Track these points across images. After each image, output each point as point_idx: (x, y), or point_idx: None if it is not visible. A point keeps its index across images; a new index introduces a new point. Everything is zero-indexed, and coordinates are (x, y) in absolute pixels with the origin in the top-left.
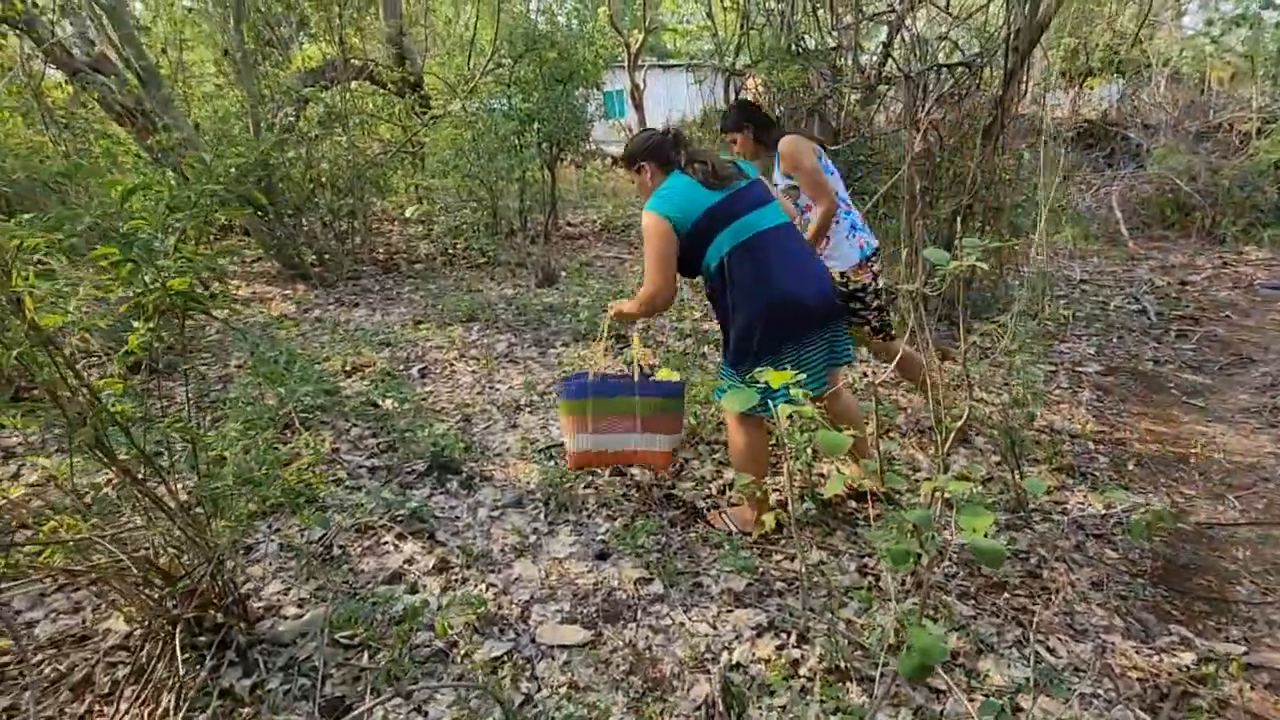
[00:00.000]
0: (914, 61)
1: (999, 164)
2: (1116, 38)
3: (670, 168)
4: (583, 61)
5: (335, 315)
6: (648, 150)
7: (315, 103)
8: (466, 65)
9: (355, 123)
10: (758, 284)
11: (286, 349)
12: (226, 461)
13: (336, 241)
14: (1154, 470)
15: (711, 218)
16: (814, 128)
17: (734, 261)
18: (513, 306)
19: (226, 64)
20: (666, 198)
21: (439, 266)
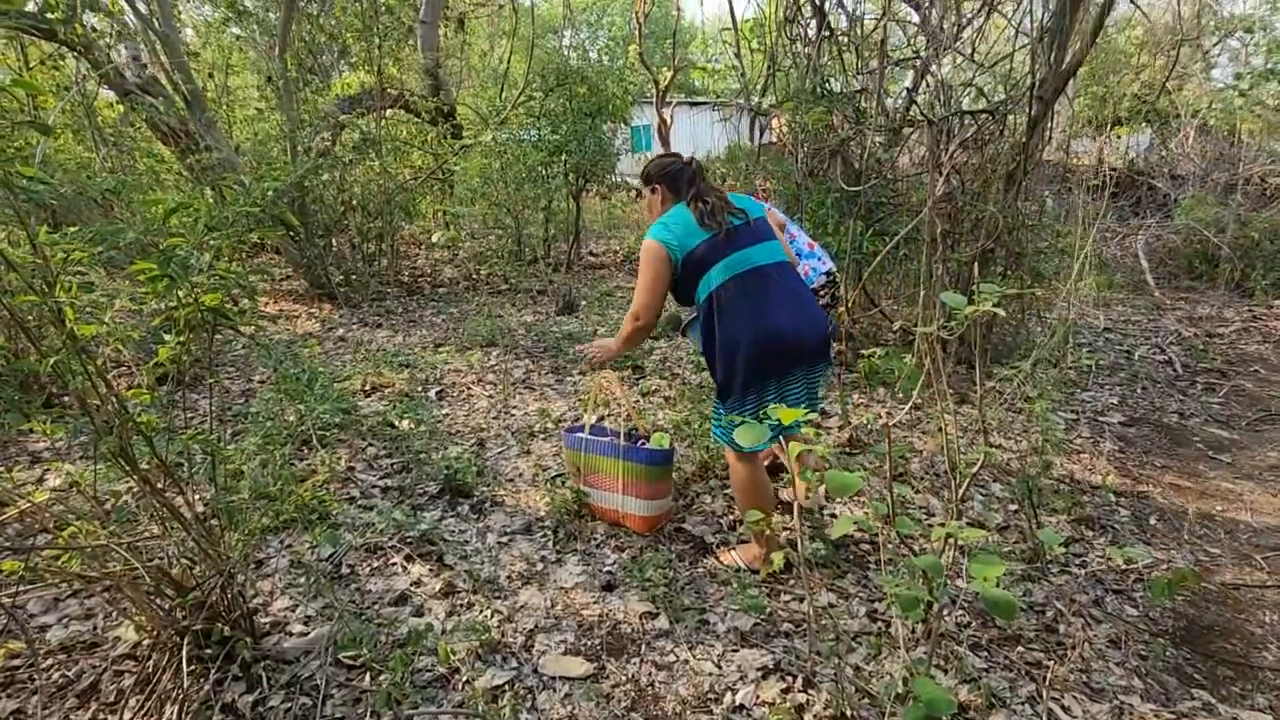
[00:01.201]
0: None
1: (1021, 210)
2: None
3: (680, 197)
4: (612, 97)
5: (358, 335)
6: (665, 174)
7: (351, 129)
8: (499, 97)
9: (388, 149)
10: (748, 316)
11: (309, 366)
12: (244, 475)
13: (364, 263)
14: (1177, 526)
15: (708, 249)
16: (836, 169)
17: (725, 294)
18: (532, 333)
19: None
20: (668, 226)
21: (462, 291)
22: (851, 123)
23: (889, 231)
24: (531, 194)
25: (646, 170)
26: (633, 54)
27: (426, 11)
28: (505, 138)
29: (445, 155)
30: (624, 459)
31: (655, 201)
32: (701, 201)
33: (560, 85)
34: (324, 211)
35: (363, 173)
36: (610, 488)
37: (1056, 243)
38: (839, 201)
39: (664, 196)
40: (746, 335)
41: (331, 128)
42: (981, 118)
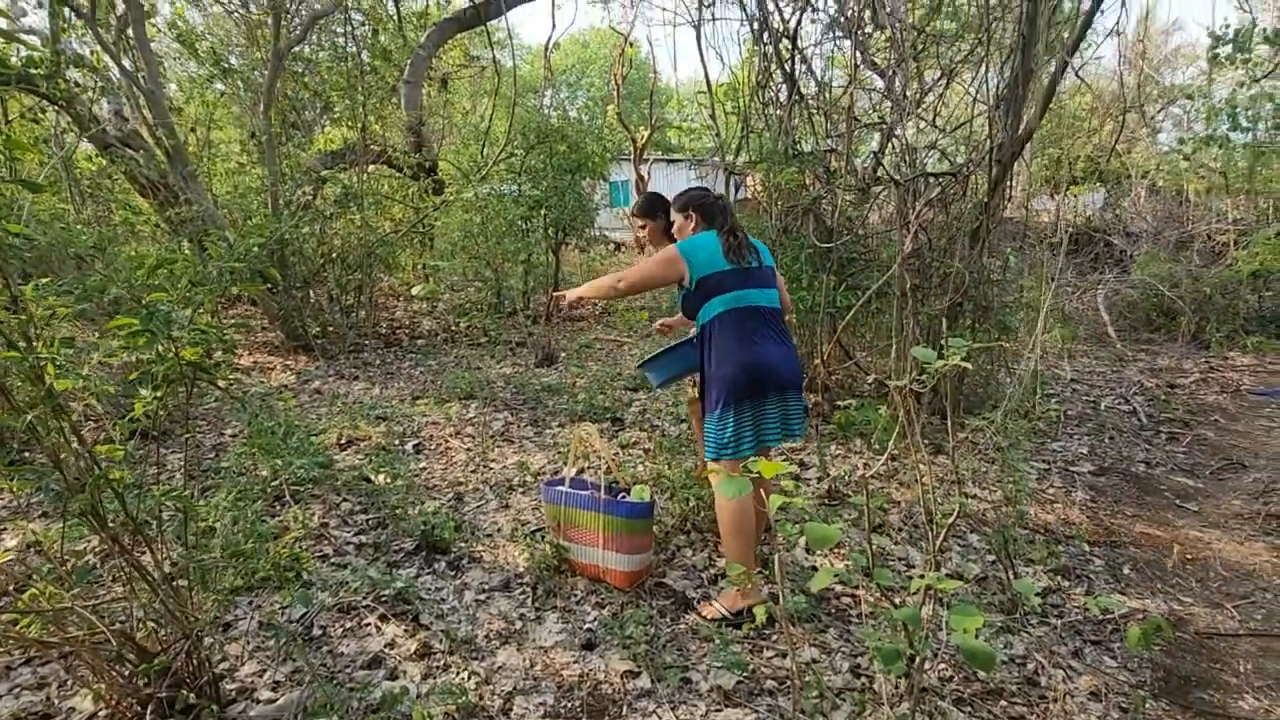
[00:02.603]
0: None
1: (987, 265)
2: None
3: (710, 227)
4: (591, 154)
5: (335, 387)
6: (700, 206)
7: (333, 183)
8: (480, 153)
9: (370, 203)
10: (735, 346)
11: (284, 420)
12: (215, 532)
13: (342, 315)
14: (1150, 575)
15: (723, 279)
16: (809, 226)
17: (724, 322)
18: (511, 385)
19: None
20: (698, 246)
21: (440, 343)
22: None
23: (861, 286)
24: (511, 247)
25: (683, 200)
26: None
27: (411, 72)
28: (486, 193)
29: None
30: (604, 513)
31: (687, 227)
32: (733, 235)
33: (541, 143)
34: (303, 263)
35: (343, 226)
36: (590, 542)
37: (1021, 297)
38: (812, 257)
39: (697, 223)
40: (735, 362)
41: (313, 182)
42: (945, 178)
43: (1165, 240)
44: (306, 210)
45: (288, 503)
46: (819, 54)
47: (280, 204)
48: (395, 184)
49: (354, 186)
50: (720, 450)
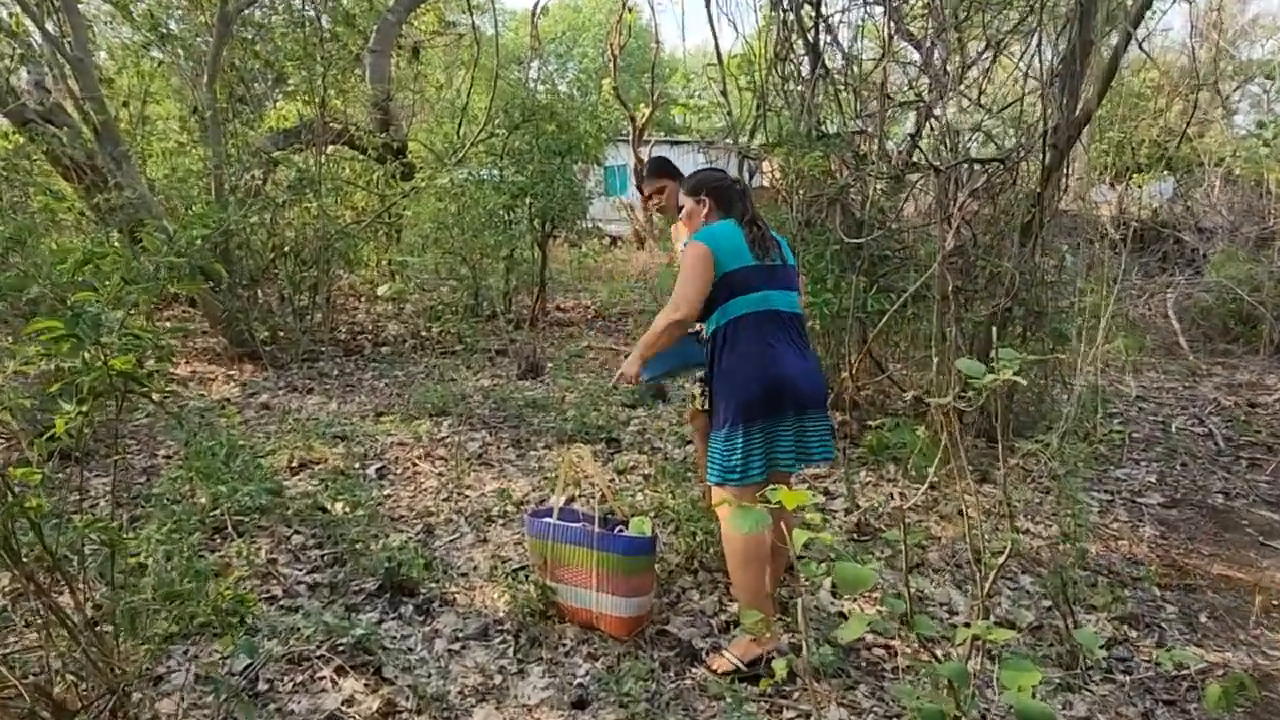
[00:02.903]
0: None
1: (1040, 265)
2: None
3: (727, 215)
4: (583, 134)
5: (286, 401)
6: (717, 190)
7: (286, 166)
8: (456, 133)
9: (328, 189)
10: (755, 356)
11: (226, 439)
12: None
13: (294, 317)
14: (1231, 624)
15: (747, 277)
16: (836, 219)
17: (740, 327)
18: (490, 400)
19: (193, 120)
20: (718, 236)
21: (408, 351)
22: (851, 168)
23: (895, 288)
24: (491, 241)
25: (697, 181)
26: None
27: (377, 39)
28: (463, 178)
29: (393, 197)
30: (598, 549)
31: (699, 213)
32: (755, 226)
33: (526, 121)
34: (251, 258)
35: (298, 215)
36: (582, 583)
37: (1079, 302)
38: (839, 254)
39: (710, 210)
40: (748, 373)
41: (263, 164)
42: (992, 165)
43: (1243, 237)
44: (255, 197)
45: (230, 536)
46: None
47: (225, 190)
48: (358, 167)
49: (310, 170)
50: (725, 474)
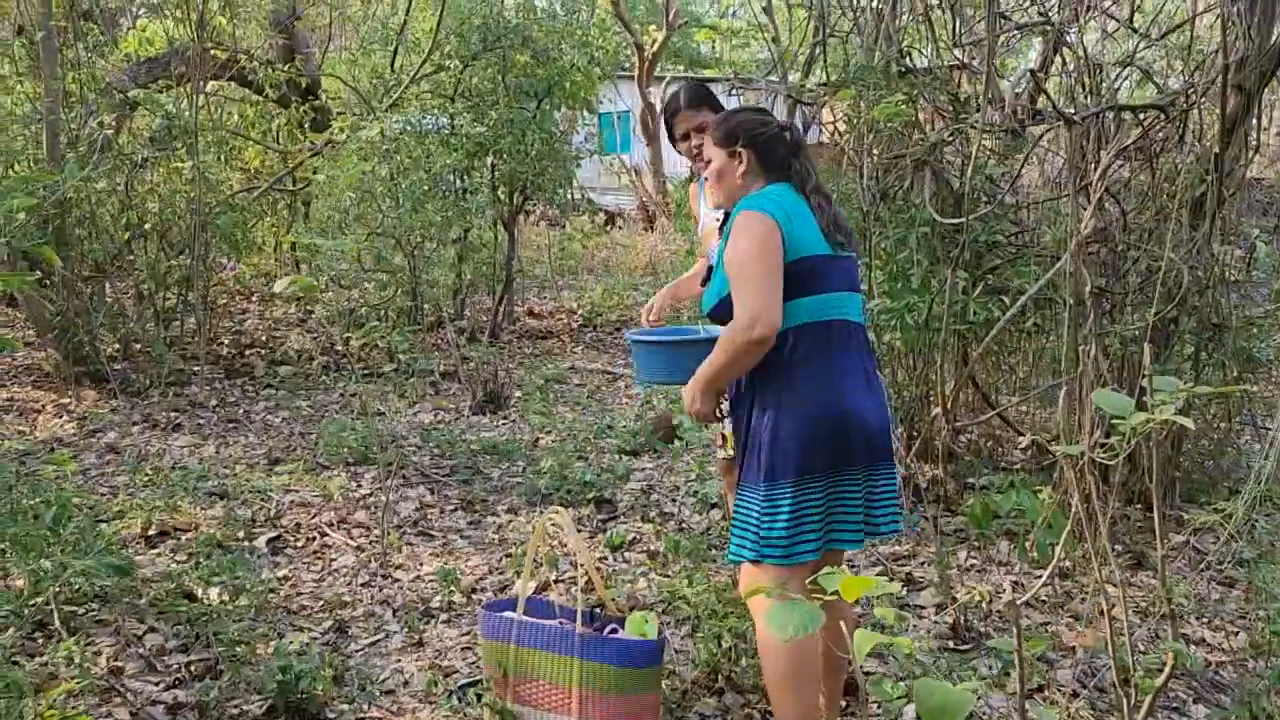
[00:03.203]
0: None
1: (1219, 257)
2: None
3: (774, 176)
4: (569, 69)
5: (141, 443)
6: (758, 139)
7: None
8: (390, 66)
9: (209, 142)
10: (822, 381)
11: (55, 497)
12: None
13: (156, 324)
14: None
15: (815, 269)
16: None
17: (804, 339)
18: (432, 444)
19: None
20: (788, 208)
21: (317, 372)
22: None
23: (1009, 289)
24: (437, 218)
25: (730, 126)
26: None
27: None
28: (398, 129)
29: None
30: (582, 657)
31: (732, 171)
32: (823, 198)
33: (489, 50)
34: (96, 240)
35: (164, 179)
36: (558, 706)
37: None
38: (929, 240)
39: (748, 168)
40: (812, 405)
41: (117, 107)
42: (1149, 115)
43: None
44: (104, 153)
45: (58, 634)
46: None
47: (62, 143)
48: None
49: (183, 116)
50: (763, 549)
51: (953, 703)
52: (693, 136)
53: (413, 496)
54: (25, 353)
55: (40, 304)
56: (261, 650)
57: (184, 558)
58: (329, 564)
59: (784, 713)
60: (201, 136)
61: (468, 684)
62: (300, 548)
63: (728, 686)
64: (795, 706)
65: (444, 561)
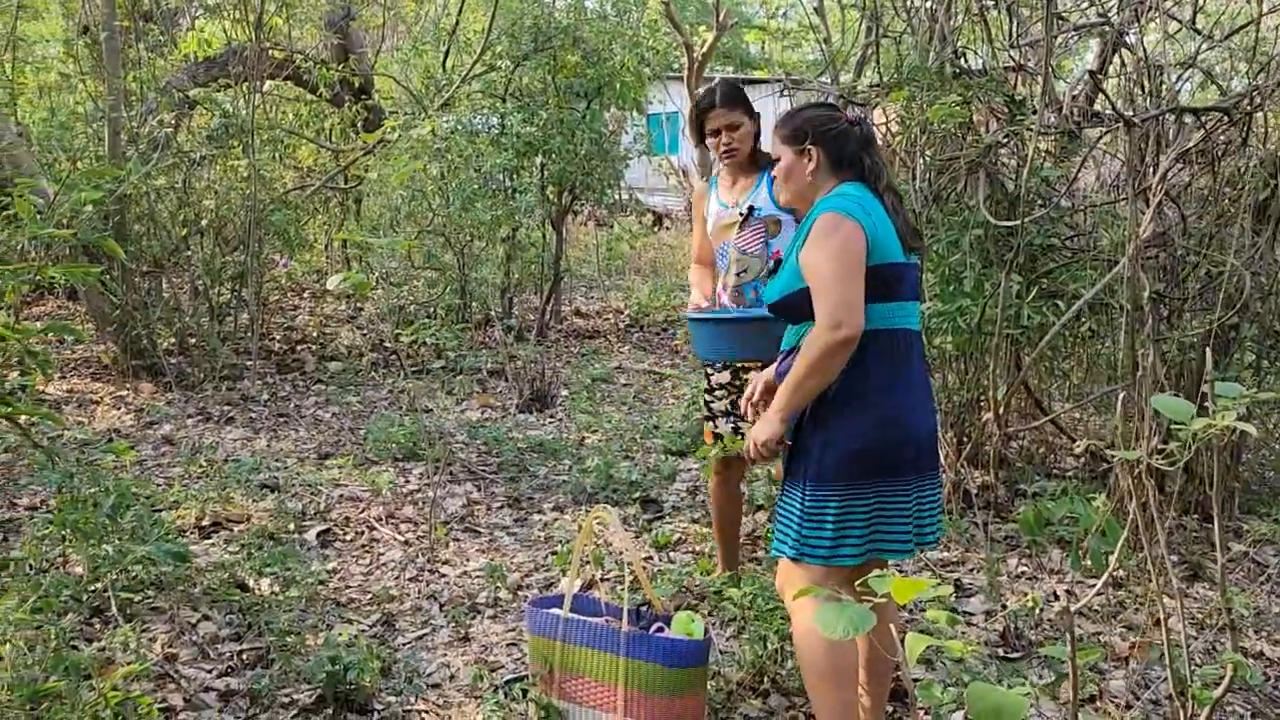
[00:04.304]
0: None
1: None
2: None
3: (845, 173)
4: (620, 70)
5: (196, 435)
6: (827, 135)
7: (207, 108)
8: (441, 66)
9: (264, 141)
10: (880, 391)
11: (113, 485)
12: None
13: (211, 319)
14: None
15: (888, 275)
16: (978, 192)
17: (870, 347)
18: (479, 441)
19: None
20: (864, 208)
21: (367, 369)
22: (1002, 120)
23: (1064, 293)
24: (486, 217)
25: (798, 123)
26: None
27: None
28: (449, 128)
29: (353, 153)
30: (627, 655)
31: (802, 170)
32: (895, 197)
33: (540, 50)
34: (155, 236)
35: (220, 176)
36: (603, 703)
37: None
38: (983, 243)
39: (818, 167)
40: (871, 417)
41: (176, 105)
42: (1211, 117)
43: None
44: (163, 151)
45: (114, 619)
46: None
47: (123, 140)
48: (305, 112)
49: (240, 115)
50: (803, 548)
51: (1007, 706)
52: (724, 134)
53: (460, 493)
54: (85, 346)
55: (100, 298)
56: (311, 641)
57: (236, 549)
58: (377, 558)
59: (822, 710)
60: (257, 135)
61: (513, 679)
62: (349, 541)
63: (773, 688)
64: (834, 704)
65: (490, 557)
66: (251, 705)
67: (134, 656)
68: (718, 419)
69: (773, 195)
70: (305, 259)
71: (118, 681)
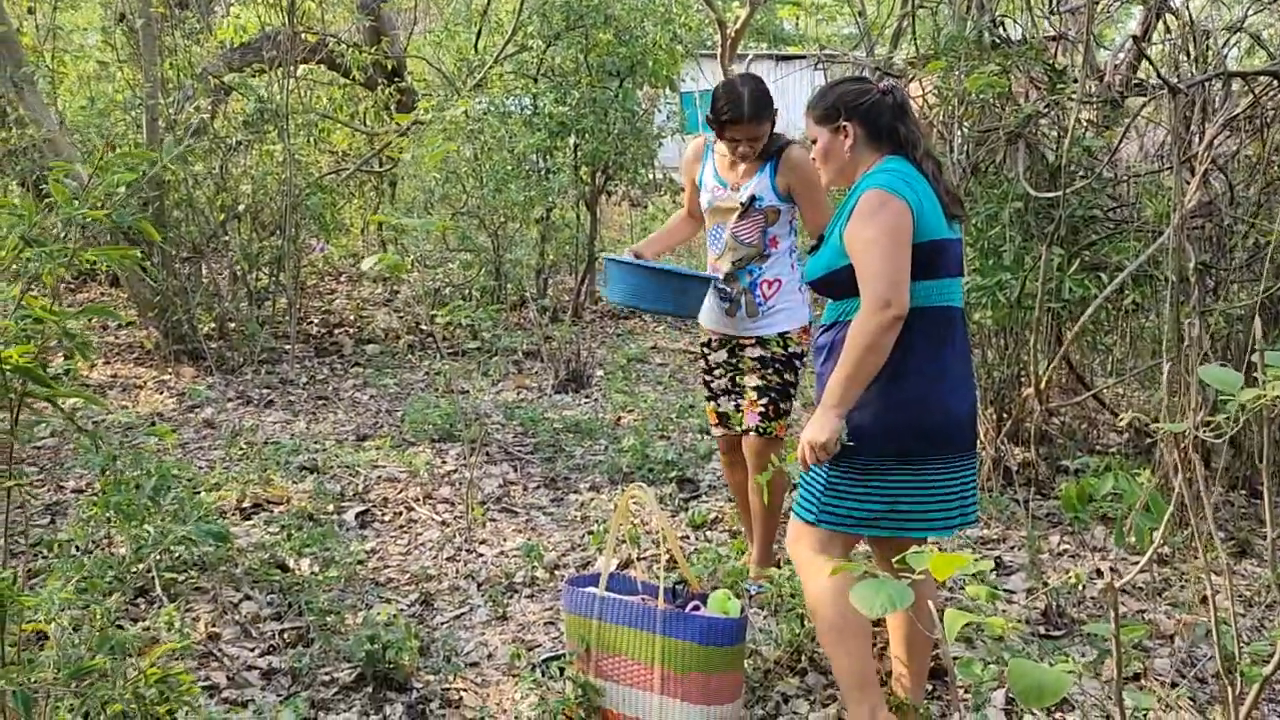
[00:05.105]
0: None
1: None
2: None
3: (886, 146)
4: (652, 47)
5: (237, 418)
6: (860, 108)
7: (242, 93)
8: (474, 47)
9: (299, 124)
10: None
11: (155, 468)
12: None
13: (250, 303)
14: None
15: (934, 252)
16: (1017, 163)
17: (914, 325)
18: (515, 421)
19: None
20: (907, 182)
21: (403, 351)
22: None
23: (1107, 265)
24: (520, 198)
25: (830, 101)
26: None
27: None
28: (482, 109)
29: (386, 135)
30: (663, 634)
31: (839, 147)
32: (935, 164)
33: (571, 29)
34: (194, 221)
35: (256, 161)
36: (639, 682)
37: None
38: (1022, 215)
39: (856, 142)
40: (909, 398)
41: (212, 92)
42: (1261, 83)
43: None
44: (200, 136)
45: (159, 599)
46: None
47: (160, 127)
48: (339, 95)
49: (274, 100)
50: (823, 515)
51: (1048, 684)
52: (743, 144)
53: (496, 473)
54: (127, 331)
55: (141, 284)
56: (350, 620)
57: (276, 529)
58: (415, 538)
59: (839, 667)
60: (292, 120)
61: (550, 658)
62: (387, 521)
63: (810, 666)
64: (848, 660)
65: (527, 537)
66: (292, 683)
67: (178, 636)
68: (719, 398)
69: (774, 184)
70: (342, 243)
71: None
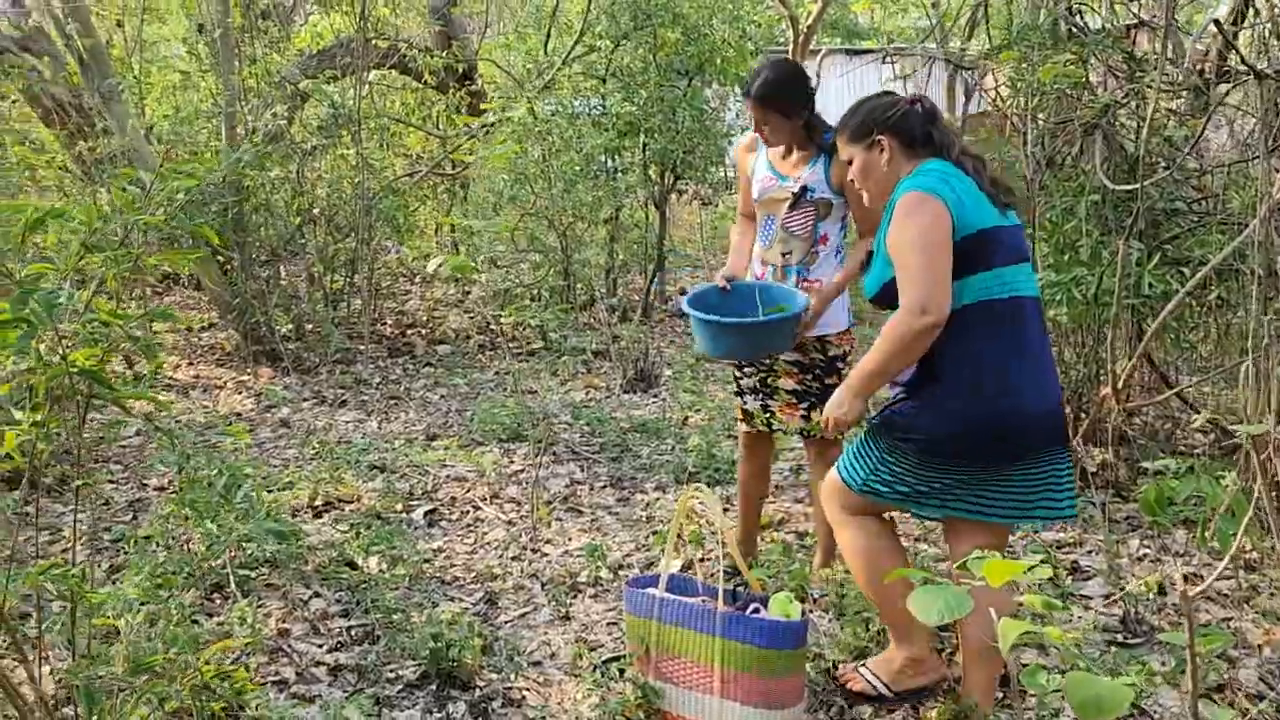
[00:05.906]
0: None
1: None
2: None
3: (923, 153)
4: (721, 45)
5: (311, 418)
6: (890, 120)
7: (317, 99)
8: (542, 49)
9: (372, 129)
10: (990, 374)
11: (231, 467)
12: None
13: (326, 305)
14: None
15: (981, 242)
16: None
17: (972, 320)
18: (583, 421)
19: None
20: (946, 181)
21: (474, 351)
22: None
23: (1189, 259)
24: (588, 199)
25: (859, 120)
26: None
27: None
28: (550, 111)
29: (457, 138)
30: (724, 636)
31: (877, 164)
32: (978, 160)
33: (639, 29)
34: (272, 225)
35: (330, 166)
36: (699, 684)
37: None
38: (1100, 209)
39: (893, 155)
40: (976, 404)
41: (289, 98)
42: None
43: None
44: (277, 142)
45: (233, 595)
46: None
47: (239, 134)
48: (411, 99)
49: (347, 105)
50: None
51: (1109, 697)
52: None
53: (563, 473)
54: (209, 333)
55: (221, 287)
56: (416, 618)
57: (346, 528)
58: (481, 537)
59: (887, 613)
60: (365, 124)
61: (611, 659)
62: (454, 521)
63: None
64: (890, 597)
65: (592, 537)
66: (359, 679)
67: (249, 631)
68: (746, 395)
69: (828, 176)
70: (415, 245)
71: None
